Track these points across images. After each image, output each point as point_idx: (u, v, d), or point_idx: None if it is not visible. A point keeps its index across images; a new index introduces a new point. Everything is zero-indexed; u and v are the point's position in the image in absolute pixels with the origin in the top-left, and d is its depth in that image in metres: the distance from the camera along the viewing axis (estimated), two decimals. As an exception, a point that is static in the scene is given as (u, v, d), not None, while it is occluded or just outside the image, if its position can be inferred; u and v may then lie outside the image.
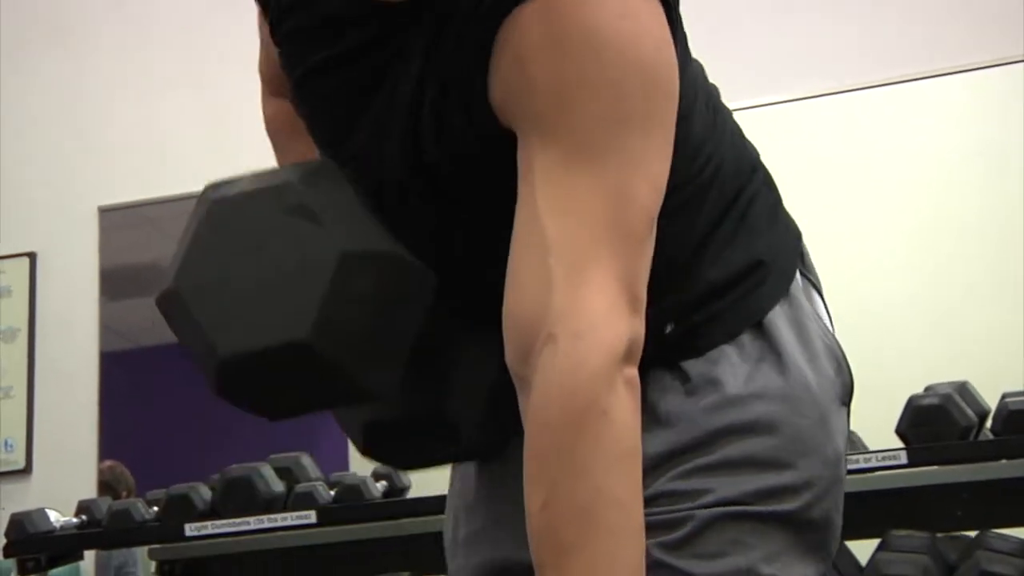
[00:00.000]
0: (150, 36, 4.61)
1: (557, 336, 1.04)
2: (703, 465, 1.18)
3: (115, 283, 4.55)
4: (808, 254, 1.33)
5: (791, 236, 1.32)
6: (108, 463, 4.31)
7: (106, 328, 4.45)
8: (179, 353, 1.10)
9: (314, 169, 1.14)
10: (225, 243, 1.07)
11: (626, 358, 1.05)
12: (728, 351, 1.21)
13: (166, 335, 1.11)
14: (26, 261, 4.53)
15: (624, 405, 1.05)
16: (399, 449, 1.23)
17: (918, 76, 3.80)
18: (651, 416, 1.18)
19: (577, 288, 1.05)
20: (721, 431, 1.19)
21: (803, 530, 1.20)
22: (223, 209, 1.09)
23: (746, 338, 1.22)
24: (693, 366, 1.21)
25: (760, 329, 1.22)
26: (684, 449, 1.18)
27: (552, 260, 1.06)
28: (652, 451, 1.16)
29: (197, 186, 1.13)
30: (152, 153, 4.49)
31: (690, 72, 1.22)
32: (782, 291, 1.25)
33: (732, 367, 1.20)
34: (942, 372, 2.98)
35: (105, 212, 4.51)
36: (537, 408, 1.05)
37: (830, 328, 1.30)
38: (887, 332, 3.64)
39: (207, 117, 4.42)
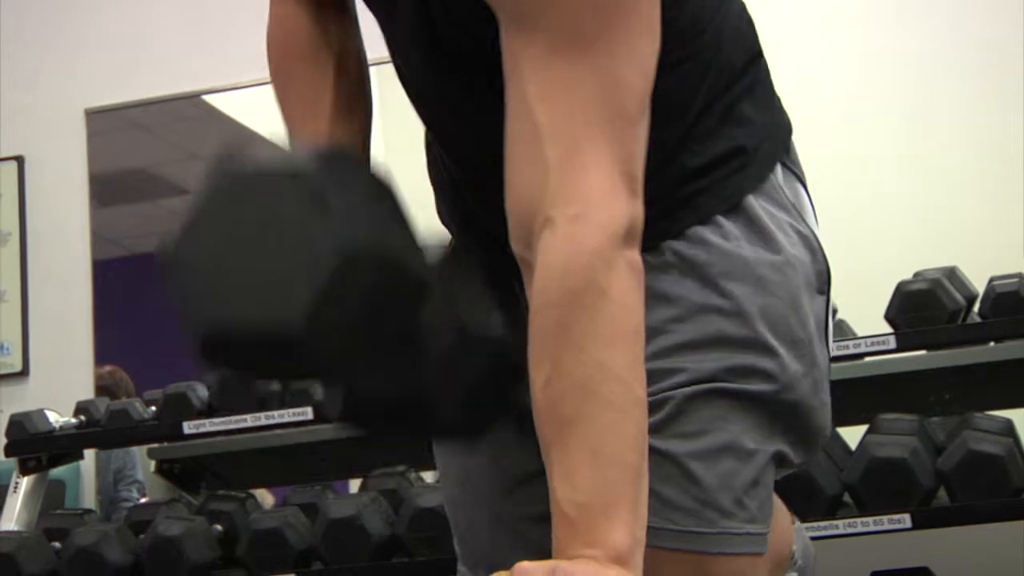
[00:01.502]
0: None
1: (555, 219, 1.05)
2: (676, 344, 1.20)
3: (105, 188, 4.53)
4: (794, 147, 1.33)
5: (779, 128, 1.32)
6: (108, 368, 4.32)
7: (97, 236, 4.44)
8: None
9: (332, 156, 1.13)
10: (230, 220, 1.07)
11: (626, 239, 1.06)
12: (704, 232, 1.22)
13: (156, 242, 1.12)
14: (14, 165, 4.50)
15: (624, 285, 1.05)
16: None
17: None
18: None
19: (573, 171, 1.06)
20: (692, 309, 1.21)
21: (779, 413, 1.22)
22: (235, 185, 1.09)
23: (722, 220, 1.23)
24: (670, 246, 1.22)
25: (736, 212, 1.24)
26: (657, 326, 1.19)
27: (546, 146, 1.06)
28: None
29: (182, 87, 1.12)
30: (137, 54, 4.44)
31: None
32: (762, 178, 1.26)
33: (706, 248, 1.22)
34: (931, 259, 3.00)
35: (92, 115, 4.47)
36: (539, 289, 1.07)
37: (813, 218, 1.31)
38: (876, 221, 3.65)
39: (192, 17, 4.37)
